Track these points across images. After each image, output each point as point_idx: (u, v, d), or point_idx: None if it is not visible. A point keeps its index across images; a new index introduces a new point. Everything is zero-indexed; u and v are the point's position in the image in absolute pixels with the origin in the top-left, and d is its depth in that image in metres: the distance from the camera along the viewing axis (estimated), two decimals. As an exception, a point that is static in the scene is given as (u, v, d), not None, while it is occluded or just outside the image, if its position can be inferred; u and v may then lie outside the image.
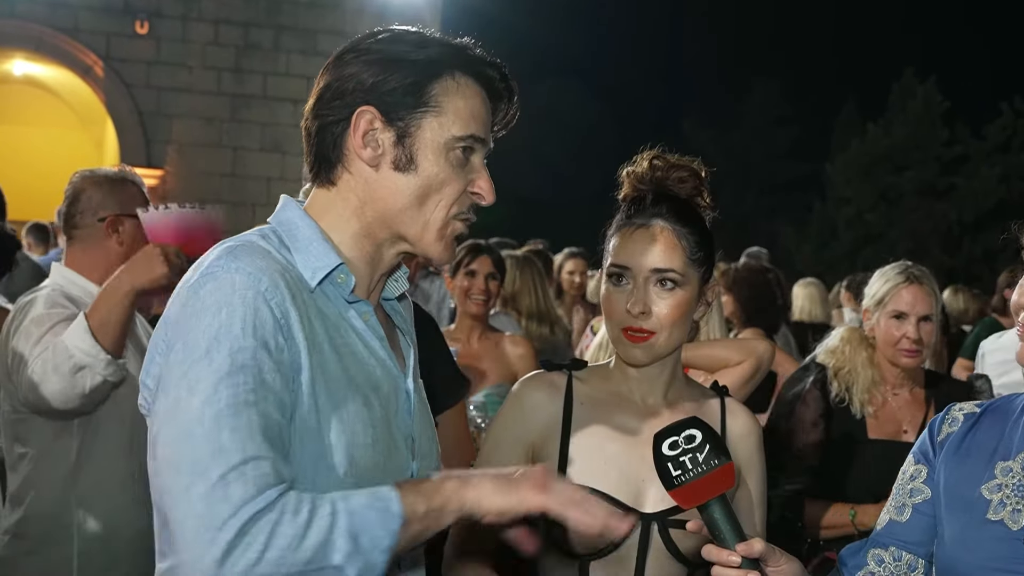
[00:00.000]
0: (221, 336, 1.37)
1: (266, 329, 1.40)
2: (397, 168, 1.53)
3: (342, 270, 1.53)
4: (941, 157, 28.53)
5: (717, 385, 2.13)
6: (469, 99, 1.56)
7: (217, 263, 1.44)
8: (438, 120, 1.53)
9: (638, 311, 1.89)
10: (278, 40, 14.54)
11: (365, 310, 1.57)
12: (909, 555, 1.75)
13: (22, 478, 2.82)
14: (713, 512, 1.52)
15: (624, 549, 1.88)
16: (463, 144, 1.55)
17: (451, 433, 2.81)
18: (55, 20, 13.49)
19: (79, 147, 15.51)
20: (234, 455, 1.32)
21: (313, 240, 1.53)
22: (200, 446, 1.33)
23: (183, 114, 14.07)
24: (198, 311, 1.40)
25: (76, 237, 2.97)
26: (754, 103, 35.20)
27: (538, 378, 2.03)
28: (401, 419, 1.59)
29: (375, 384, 1.55)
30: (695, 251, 1.94)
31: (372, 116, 1.52)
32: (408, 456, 1.60)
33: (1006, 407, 1.77)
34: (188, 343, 1.39)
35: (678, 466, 1.52)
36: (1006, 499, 1.65)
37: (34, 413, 2.75)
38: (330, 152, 1.56)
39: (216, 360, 1.36)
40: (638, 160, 2.00)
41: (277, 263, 1.47)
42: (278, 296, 1.42)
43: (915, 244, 27.79)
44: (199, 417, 1.34)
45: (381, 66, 1.53)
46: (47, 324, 2.72)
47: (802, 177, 32.66)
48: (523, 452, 1.97)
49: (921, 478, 1.77)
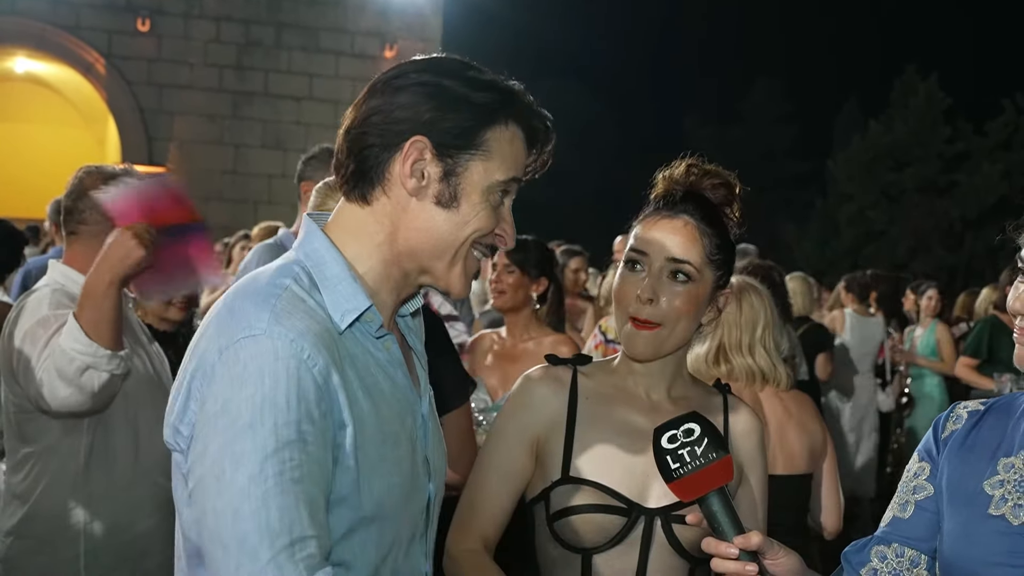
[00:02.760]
0: (266, 409, 1.37)
1: (309, 400, 1.40)
2: (439, 203, 1.53)
3: (371, 311, 1.54)
4: (943, 154, 28.49)
5: (720, 383, 2.14)
6: (515, 145, 1.58)
7: (258, 322, 1.42)
8: (485, 165, 1.54)
9: (646, 297, 1.90)
10: (279, 37, 14.54)
11: (390, 343, 1.58)
12: (912, 551, 1.76)
13: (28, 477, 2.79)
14: (712, 505, 1.54)
15: (627, 544, 1.89)
16: (503, 188, 1.57)
17: (455, 434, 2.81)
18: (57, 17, 13.50)
19: (81, 144, 15.51)
20: (283, 536, 1.34)
21: (342, 279, 1.52)
22: (248, 525, 1.34)
23: (185, 111, 14.08)
24: (240, 377, 1.39)
25: (80, 233, 2.92)
26: (755, 100, 35.22)
27: (543, 373, 2.04)
28: (419, 443, 1.61)
29: (403, 418, 1.57)
30: (714, 252, 1.95)
31: (424, 147, 1.52)
32: (425, 479, 1.62)
33: (1010, 405, 1.78)
34: (230, 410, 1.38)
35: (677, 459, 1.54)
36: (1008, 494, 1.66)
37: (51, 417, 2.73)
38: (372, 172, 1.54)
39: (261, 434, 1.36)
40: (675, 164, 2.02)
41: (315, 319, 1.46)
42: (320, 362, 1.42)
43: (917, 241, 27.80)
44: (246, 494, 1.35)
45: (439, 101, 1.53)
46: (54, 326, 2.68)
47: (803, 174, 32.69)
48: (527, 447, 1.97)
49: (924, 475, 1.78)
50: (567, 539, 1.90)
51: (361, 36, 14.93)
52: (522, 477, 1.98)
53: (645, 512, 1.89)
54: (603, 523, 1.88)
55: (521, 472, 1.97)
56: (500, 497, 1.97)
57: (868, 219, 28.77)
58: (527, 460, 1.97)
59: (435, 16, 15.37)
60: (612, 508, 1.88)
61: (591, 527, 1.89)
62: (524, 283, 4.19)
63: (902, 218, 28.23)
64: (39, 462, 2.78)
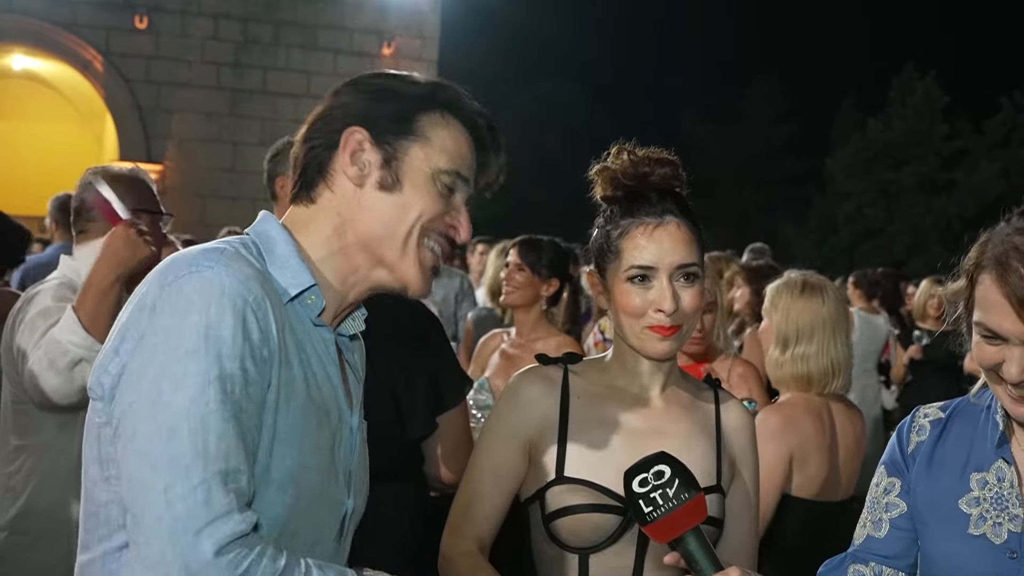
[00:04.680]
0: (211, 337, 1.35)
1: (253, 341, 1.39)
2: (382, 188, 1.55)
3: (313, 291, 1.53)
4: (941, 152, 28.53)
5: (710, 378, 2.14)
6: (455, 137, 1.60)
7: (204, 261, 1.42)
8: (424, 150, 1.56)
9: (672, 309, 1.89)
10: (278, 35, 14.53)
11: (327, 337, 1.57)
12: (889, 569, 1.76)
13: (20, 471, 2.81)
14: (688, 544, 1.55)
15: (623, 542, 1.89)
16: (448, 179, 1.58)
17: (453, 433, 2.81)
18: (54, 15, 13.49)
19: (79, 142, 15.51)
20: (218, 462, 1.32)
21: (290, 257, 1.53)
22: (183, 445, 1.31)
23: (183, 109, 14.07)
24: (183, 306, 1.37)
25: (89, 231, 2.98)
26: (754, 98, 35.19)
27: (534, 372, 2.03)
28: (344, 452, 1.59)
29: (327, 409, 1.55)
30: (702, 241, 1.96)
31: (362, 137, 1.55)
32: (345, 490, 1.60)
33: (970, 410, 1.77)
34: (171, 336, 1.36)
35: (649, 503, 1.54)
36: (986, 512, 1.66)
37: (41, 409, 2.75)
38: (315, 173, 1.58)
39: (205, 361, 1.34)
40: (611, 157, 1.98)
41: (260, 273, 1.46)
42: (263, 309, 1.42)
43: (915, 239, 27.83)
44: (184, 414, 1.32)
45: (373, 95, 1.59)
46: (54, 317, 2.71)
47: (802, 172, 32.69)
48: (520, 447, 1.97)
49: (896, 492, 1.78)
50: (563, 539, 1.90)
51: (359, 34, 14.93)
52: (515, 478, 1.97)
53: (640, 511, 1.89)
54: (599, 522, 1.88)
55: (514, 473, 1.97)
56: (494, 498, 1.97)
57: (866, 217, 28.81)
58: (520, 460, 1.97)
59: (433, 13, 15.36)
60: (608, 507, 1.88)
61: (587, 527, 1.88)
62: (534, 282, 4.20)
63: (900, 216, 28.26)
64: (31, 457, 2.80)
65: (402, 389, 2.70)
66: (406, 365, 2.71)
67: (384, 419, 2.59)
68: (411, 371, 2.71)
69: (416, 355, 2.73)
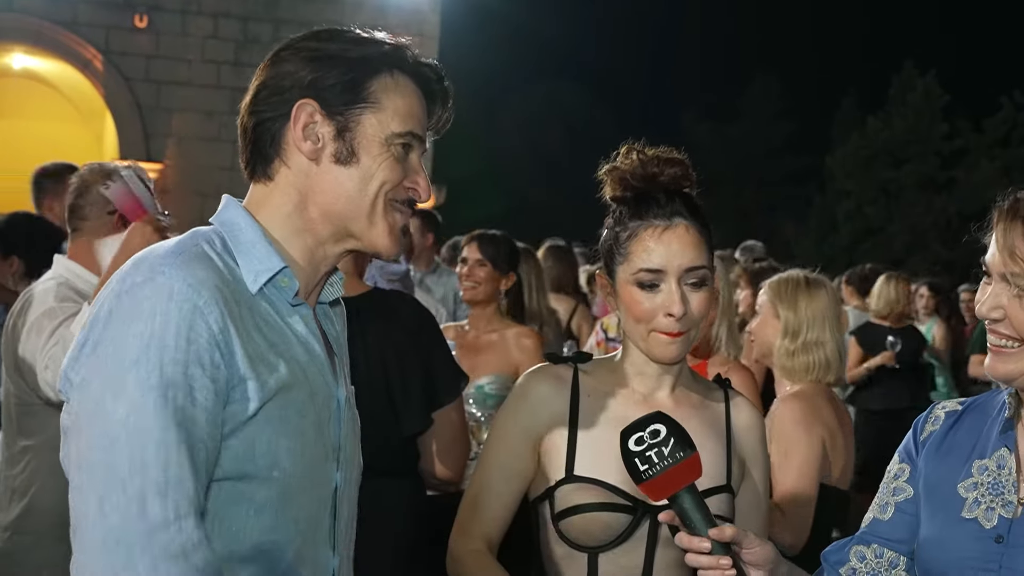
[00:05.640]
0: (152, 345, 1.35)
1: (200, 345, 1.38)
2: (338, 161, 1.54)
3: (285, 274, 1.52)
4: (941, 151, 28.53)
5: (720, 378, 2.13)
6: (407, 97, 1.58)
7: (160, 265, 1.41)
8: (377, 116, 1.54)
9: (681, 313, 1.88)
10: (277, 34, 14.50)
11: (306, 314, 1.57)
12: (891, 552, 1.76)
13: (25, 471, 2.80)
14: (683, 503, 1.55)
15: (633, 541, 1.89)
16: (403, 141, 1.56)
17: (448, 429, 2.81)
18: (54, 14, 13.47)
19: (78, 141, 15.49)
20: (155, 471, 1.31)
21: (256, 242, 1.52)
22: (120, 456, 1.31)
23: (182, 108, 14.06)
24: (132, 315, 1.37)
25: (84, 230, 2.97)
26: (754, 97, 35.17)
27: (544, 371, 2.03)
28: (332, 428, 1.58)
29: (312, 391, 1.54)
30: (712, 242, 1.95)
31: (313, 110, 1.53)
32: (333, 466, 1.59)
33: (986, 405, 1.79)
34: (118, 346, 1.36)
35: (645, 461, 1.55)
36: (980, 497, 1.66)
37: (56, 408, 2.74)
38: (268, 147, 1.56)
39: (144, 369, 1.34)
40: (620, 157, 1.97)
41: (219, 274, 1.45)
42: (216, 312, 1.40)
43: (914, 238, 27.84)
44: (123, 425, 1.32)
45: (319, 63, 1.55)
46: (60, 317, 2.71)
47: (802, 171, 32.66)
48: (530, 445, 1.97)
49: (904, 477, 1.79)
50: (573, 538, 1.90)
51: (359, 33, 14.91)
52: (525, 476, 1.97)
53: (650, 510, 1.88)
54: (609, 521, 1.88)
55: (524, 471, 1.97)
56: (503, 497, 1.96)
57: (866, 216, 28.81)
58: (529, 459, 1.96)
59: (433, 13, 15.35)
60: (618, 506, 1.88)
61: (597, 526, 1.88)
62: (495, 277, 4.23)
63: (900, 215, 28.26)
64: (36, 456, 2.79)
65: (396, 385, 2.70)
66: (401, 361, 2.71)
67: (379, 415, 2.60)
68: (405, 367, 2.72)
69: (410, 351, 2.74)
